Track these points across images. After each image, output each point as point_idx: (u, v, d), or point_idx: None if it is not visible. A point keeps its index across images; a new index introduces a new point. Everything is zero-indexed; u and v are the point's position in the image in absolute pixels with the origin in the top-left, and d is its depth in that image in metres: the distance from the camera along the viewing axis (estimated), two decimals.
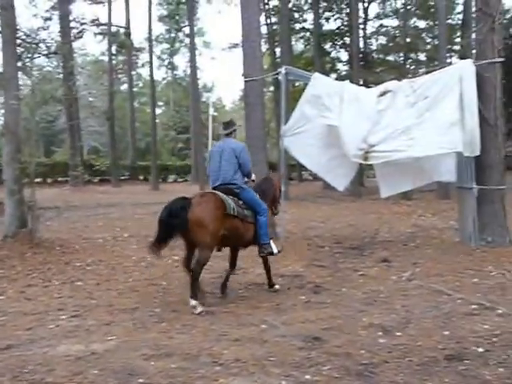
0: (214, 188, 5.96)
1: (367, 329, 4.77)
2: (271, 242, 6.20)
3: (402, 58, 32.35)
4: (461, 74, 8.62)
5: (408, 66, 32.19)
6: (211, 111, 16.26)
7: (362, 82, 27.67)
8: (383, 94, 9.24)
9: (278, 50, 33.73)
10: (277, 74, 10.32)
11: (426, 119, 8.68)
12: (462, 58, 25.58)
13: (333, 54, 36.09)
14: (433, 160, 9.31)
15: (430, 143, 8.45)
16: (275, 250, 6.21)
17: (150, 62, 34.69)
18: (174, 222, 5.34)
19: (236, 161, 5.99)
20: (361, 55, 29.71)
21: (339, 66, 36.57)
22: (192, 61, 28.51)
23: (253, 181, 6.42)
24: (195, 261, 5.55)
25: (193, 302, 5.44)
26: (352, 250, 9.36)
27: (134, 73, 46.36)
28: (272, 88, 36.37)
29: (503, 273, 6.94)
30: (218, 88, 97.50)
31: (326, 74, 29.99)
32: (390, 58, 34.06)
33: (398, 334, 4.63)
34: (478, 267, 7.31)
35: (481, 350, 4.19)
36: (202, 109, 30.51)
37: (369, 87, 11.75)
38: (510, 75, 29.27)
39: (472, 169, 8.84)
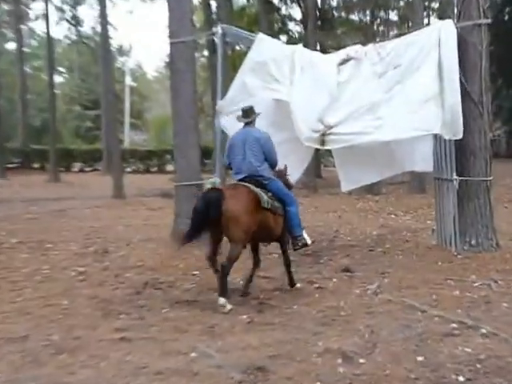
0: (240, 180, 6.83)
1: (323, 355, 4.81)
2: (304, 232, 7.10)
3: (368, 18, 32.90)
4: (439, 37, 8.81)
5: (376, 28, 32.78)
6: (128, 81, 15.90)
7: (318, 47, 27.98)
8: (344, 61, 9.36)
9: (213, 4, 33.56)
10: (212, 34, 10.28)
11: (396, 93, 8.83)
12: (441, 18, 26.32)
13: (283, 11, 36.31)
14: (404, 145, 9.53)
15: (402, 124, 8.60)
16: (309, 241, 7.22)
17: (46, 14, 33.72)
18: (209, 213, 6.24)
19: (261, 151, 6.93)
20: (317, 13, 30.01)
21: (290, 25, 36.89)
22: (102, 14, 27.82)
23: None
24: (227, 256, 6.38)
25: (221, 300, 6.21)
26: (306, 256, 9.42)
27: (24, 27, 44.88)
28: (206, 52, 36.20)
29: (489, 283, 7.17)
30: (137, 51, 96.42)
31: (275, 35, 30.12)
32: (354, 16, 34.59)
33: (362, 361, 4.69)
34: (459, 277, 7.53)
35: (461, 379, 4.30)
36: (116, 77, 29.97)
37: (327, 53, 11.87)
38: (499, 40, 30.34)
39: (452, 156, 9.08)
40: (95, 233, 12.01)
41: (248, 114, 7.26)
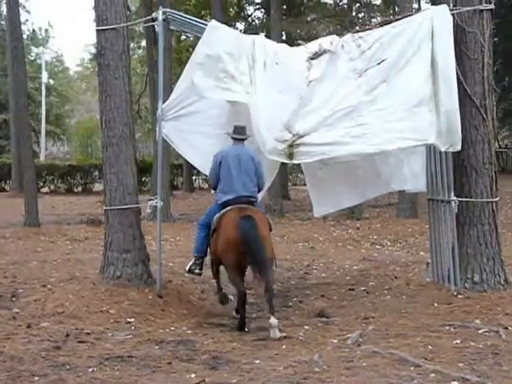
0: (234, 199, 8.19)
1: None
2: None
3: (345, 2, 33.31)
4: (432, 26, 8.95)
5: (354, 14, 33.18)
6: (45, 77, 15.83)
7: (284, 37, 28.23)
8: (316, 55, 9.42)
9: None
10: (151, 19, 10.23)
11: (380, 95, 8.90)
12: (434, 2, 26.82)
13: None
14: (391, 159, 9.62)
15: (387, 132, 8.68)
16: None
17: None
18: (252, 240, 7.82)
19: (254, 171, 8.41)
20: None
21: (250, 10, 37.09)
22: None
23: None
24: (270, 279, 8.04)
25: (275, 321, 7.53)
26: None
27: None
28: (144, 43, 36.16)
29: (496, 330, 7.25)
30: (57, 40, 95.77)
31: (230, 23, 30.31)
32: (328, 0, 34.99)
33: None
34: (460, 322, 7.61)
35: None
36: (28, 73, 29.59)
37: (295, 45, 11.97)
38: (505, 30, 30.79)
39: (450, 172, 9.19)
40: (0, 271, 11.78)
41: (242, 131, 8.63)
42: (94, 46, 41.45)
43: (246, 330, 7.87)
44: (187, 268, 9.13)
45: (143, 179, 34.36)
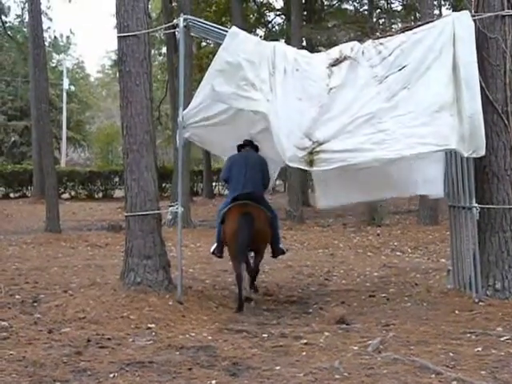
0: (241, 194, 9.60)
1: None
2: None
3: (366, 8, 33.24)
4: (453, 32, 8.92)
5: (375, 20, 33.12)
6: (66, 84, 15.96)
7: (304, 43, 28.22)
8: (337, 62, 9.42)
9: None
10: (172, 26, 10.29)
11: (401, 101, 8.87)
12: (455, 8, 26.74)
13: None
14: (401, 163, 9.56)
15: (408, 138, 8.66)
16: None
17: None
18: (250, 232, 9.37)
19: (260, 172, 9.93)
20: (303, 1, 30.27)
21: (270, 16, 37.11)
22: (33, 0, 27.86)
23: None
24: (257, 262, 10.05)
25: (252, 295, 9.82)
26: (290, 304, 9.43)
27: None
28: (164, 49, 36.34)
29: None
30: (78, 47, 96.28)
31: (250, 29, 30.38)
32: (349, 5, 34.96)
33: None
34: (482, 329, 7.56)
35: None
36: (50, 80, 29.77)
37: (315, 51, 11.99)
38: None
39: (471, 179, 9.14)
40: (22, 276, 11.87)
41: (252, 142, 10.27)
42: (114, 53, 41.75)
43: (248, 306, 9.34)
44: (211, 250, 10.58)
45: (164, 185, 34.53)
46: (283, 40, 28.58)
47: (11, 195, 39.88)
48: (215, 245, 10.43)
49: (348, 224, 21.85)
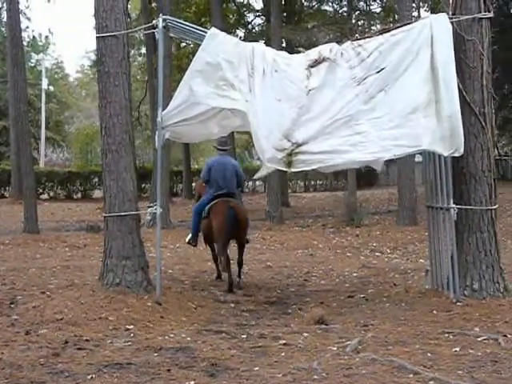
0: (221, 195, 10.99)
1: None
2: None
3: (345, 9, 33.33)
4: (432, 33, 8.97)
5: (354, 21, 33.21)
6: (45, 84, 15.86)
7: (284, 44, 28.25)
8: (316, 63, 9.44)
9: None
10: (151, 27, 10.27)
11: (379, 103, 8.93)
12: (433, 11, 26.89)
13: None
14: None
15: (383, 140, 8.74)
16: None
17: None
18: (235, 223, 10.72)
19: (235, 175, 11.34)
20: (283, 2, 30.30)
21: (250, 17, 37.13)
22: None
23: None
24: (241, 253, 11.15)
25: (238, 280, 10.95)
26: (269, 305, 9.42)
27: None
28: (144, 50, 36.23)
29: (495, 338, 7.23)
30: (57, 47, 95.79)
31: (230, 30, 30.37)
32: (328, 7, 35.02)
33: None
34: (459, 329, 7.60)
35: None
36: (29, 80, 29.58)
37: (294, 52, 11.99)
38: (504, 38, 30.83)
39: (449, 179, 9.18)
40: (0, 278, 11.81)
41: (226, 143, 11.78)
42: (94, 53, 41.56)
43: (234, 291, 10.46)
44: (187, 240, 12.12)
45: (143, 186, 34.47)
46: (263, 41, 28.54)
47: None
48: (190, 235, 11.83)
49: (327, 224, 21.91)
